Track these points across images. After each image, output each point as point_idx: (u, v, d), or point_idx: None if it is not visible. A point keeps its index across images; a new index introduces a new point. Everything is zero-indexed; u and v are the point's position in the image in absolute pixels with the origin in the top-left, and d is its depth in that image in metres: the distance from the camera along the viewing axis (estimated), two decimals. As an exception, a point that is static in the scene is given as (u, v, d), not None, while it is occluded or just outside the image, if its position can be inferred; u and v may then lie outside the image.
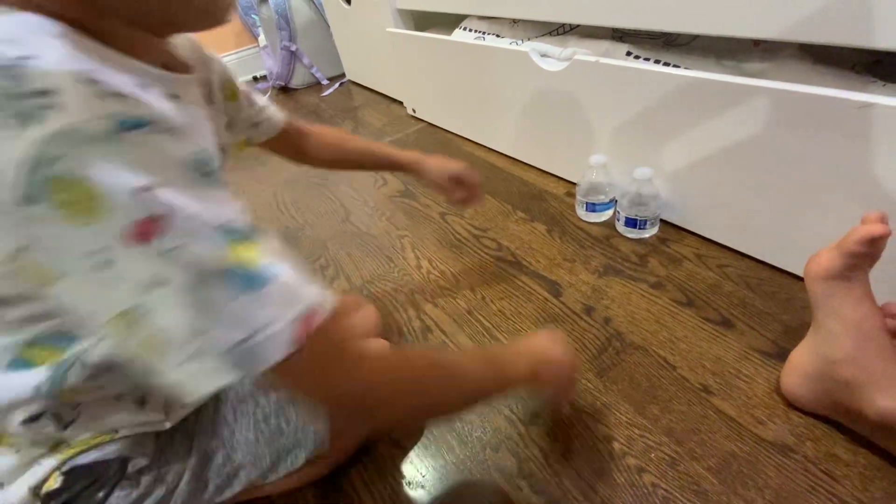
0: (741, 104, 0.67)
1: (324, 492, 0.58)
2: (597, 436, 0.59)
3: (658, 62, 0.80)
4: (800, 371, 0.56)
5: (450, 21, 1.26)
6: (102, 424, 0.42)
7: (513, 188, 1.10)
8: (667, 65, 0.79)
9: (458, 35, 1.21)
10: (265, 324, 0.27)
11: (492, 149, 1.28)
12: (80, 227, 0.24)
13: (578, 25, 1.00)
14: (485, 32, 1.15)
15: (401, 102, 1.66)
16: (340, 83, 2.05)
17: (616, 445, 0.57)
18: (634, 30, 0.86)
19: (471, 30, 1.19)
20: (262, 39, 2.07)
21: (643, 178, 0.81)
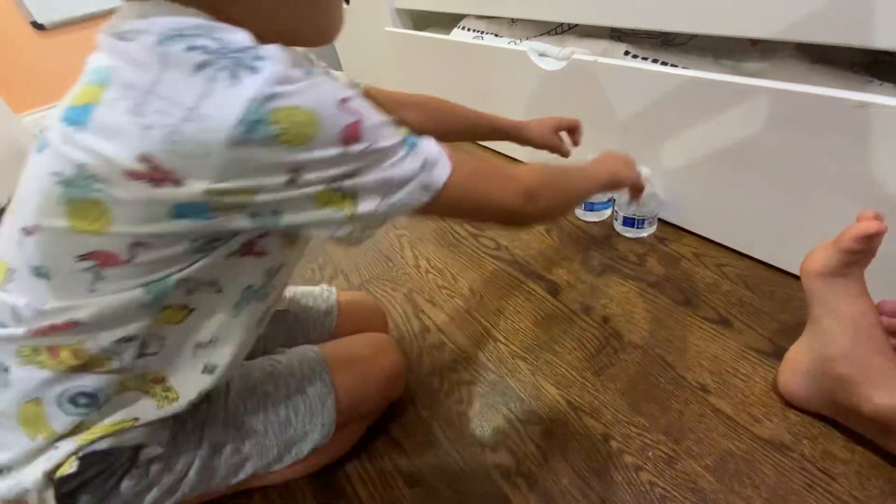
0: (739, 104, 0.67)
1: (322, 488, 0.58)
2: (595, 434, 0.59)
3: (656, 62, 0.80)
4: (796, 369, 0.56)
5: (448, 20, 1.26)
6: (160, 368, 0.42)
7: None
8: (665, 64, 0.79)
9: (457, 34, 1.21)
10: (430, 154, 0.38)
11: (491, 148, 1.28)
12: (293, 149, 0.31)
13: (577, 25, 1.00)
14: (483, 32, 1.15)
15: (399, 102, 1.66)
16: (339, 83, 2.05)
17: (614, 444, 0.57)
18: (633, 29, 0.86)
19: (469, 29, 1.19)
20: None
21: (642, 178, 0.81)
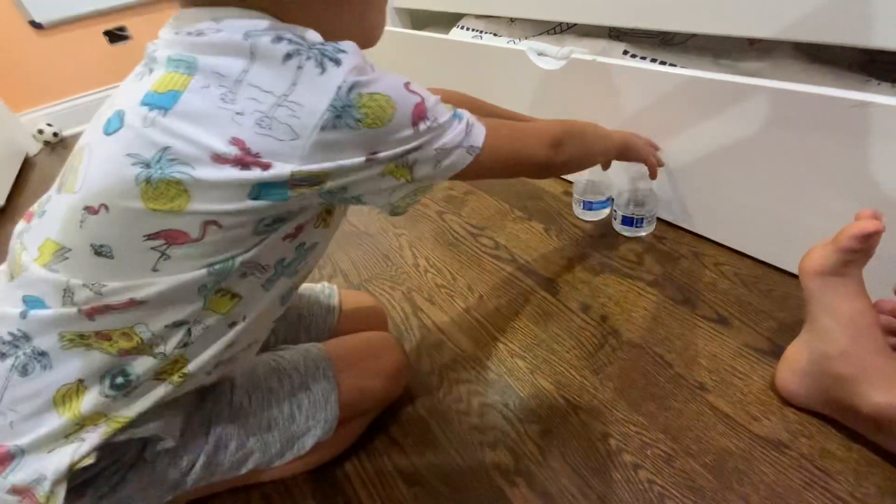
0: (737, 103, 0.67)
1: (320, 486, 0.58)
2: (593, 433, 0.59)
3: (655, 61, 0.81)
4: (795, 367, 0.56)
5: (447, 20, 1.26)
6: (190, 359, 0.42)
7: (510, 187, 1.10)
8: (663, 64, 0.79)
9: (456, 34, 1.21)
10: (469, 119, 0.44)
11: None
12: (375, 128, 0.36)
13: (575, 24, 1.00)
14: (482, 31, 1.15)
15: (398, 101, 1.66)
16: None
17: (612, 442, 0.57)
18: (631, 29, 0.86)
19: (468, 28, 1.19)
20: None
21: (640, 176, 0.81)
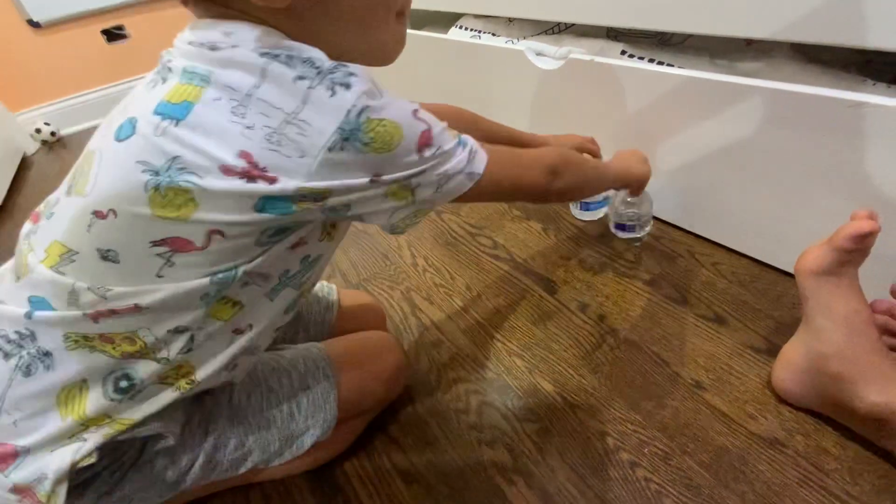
0: (734, 103, 0.67)
1: (319, 485, 0.59)
2: (591, 431, 0.59)
3: (652, 61, 0.81)
4: (791, 366, 0.56)
5: (446, 19, 1.26)
6: (195, 359, 0.43)
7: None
8: (661, 64, 0.79)
9: (454, 33, 1.21)
10: (472, 146, 0.45)
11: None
12: (382, 153, 0.37)
13: (573, 24, 1.00)
14: (480, 31, 1.15)
15: (397, 101, 1.66)
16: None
17: (610, 441, 0.58)
18: (629, 29, 0.86)
19: (466, 28, 1.19)
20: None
21: (621, 199, 0.81)
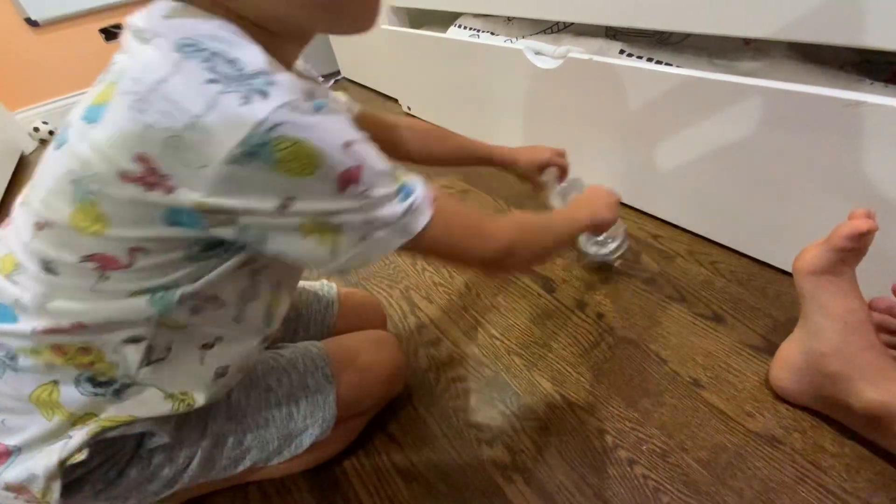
0: (733, 103, 0.68)
1: (319, 484, 0.59)
2: (589, 429, 0.59)
3: (651, 60, 0.81)
4: (788, 364, 0.57)
5: (445, 19, 1.26)
6: (170, 378, 0.42)
7: (507, 185, 1.11)
8: (659, 63, 0.79)
9: (453, 33, 1.21)
10: (416, 201, 0.38)
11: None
12: (292, 178, 0.31)
13: (572, 23, 1.00)
14: (479, 30, 1.15)
15: (396, 100, 1.67)
16: (335, 80, 2.05)
17: (608, 438, 0.58)
18: (628, 28, 0.86)
19: (465, 27, 1.19)
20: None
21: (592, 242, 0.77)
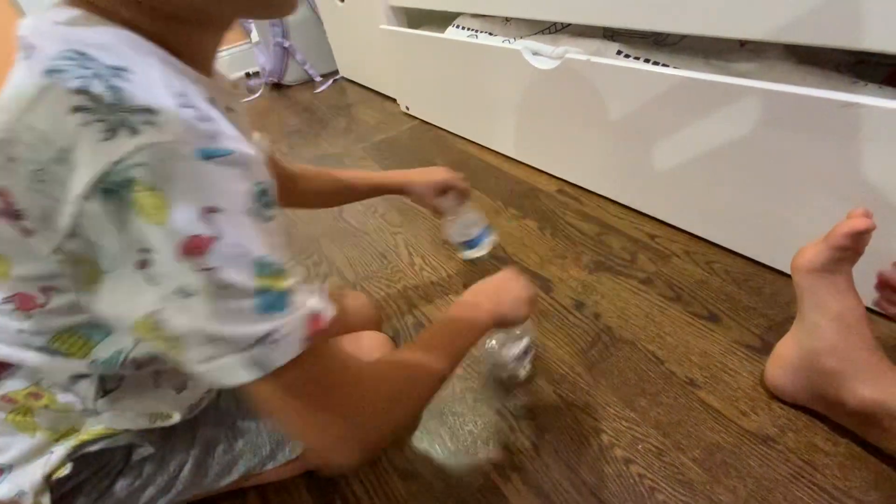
0: (729, 104, 0.68)
1: (317, 483, 0.59)
2: (586, 428, 0.60)
3: (648, 61, 0.81)
4: (784, 362, 0.57)
5: (443, 18, 1.26)
6: (134, 403, 0.43)
7: (505, 185, 1.11)
8: (656, 64, 0.80)
9: (451, 33, 1.21)
10: (280, 328, 0.30)
11: (484, 146, 1.29)
12: (142, 225, 0.26)
13: (570, 24, 1.01)
14: (477, 30, 1.16)
15: (394, 100, 1.67)
16: (334, 80, 2.05)
17: (605, 438, 0.58)
18: (625, 29, 0.87)
19: (464, 27, 1.19)
20: (255, 35, 2.07)
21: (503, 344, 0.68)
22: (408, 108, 1.57)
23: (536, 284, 0.82)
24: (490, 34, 1.12)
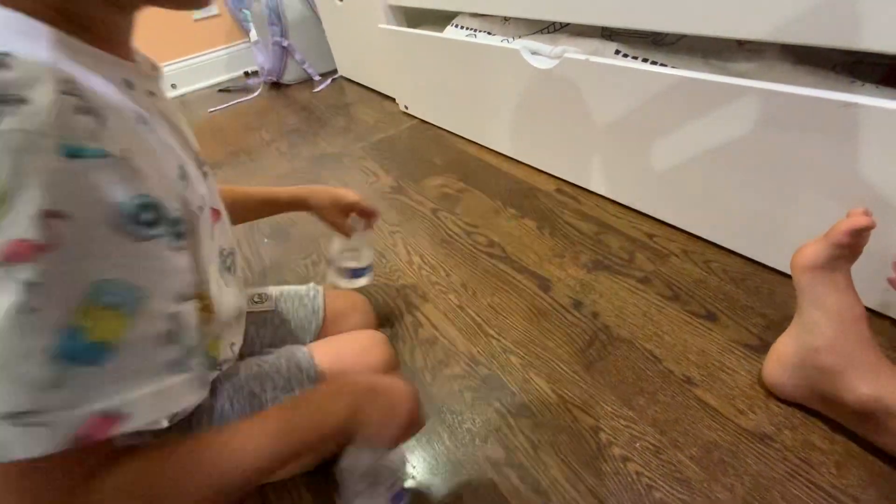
0: (727, 103, 0.68)
1: (316, 483, 0.59)
2: (584, 427, 0.60)
3: (646, 61, 0.82)
4: (782, 359, 0.57)
5: (442, 18, 1.26)
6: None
7: (503, 185, 1.11)
8: (654, 63, 0.80)
9: (450, 32, 1.21)
10: (45, 411, 0.24)
11: (483, 145, 1.29)
12: None
13: (569, 24, 1.01)
14: (476, 30, 1.16)
15: (393, 99, 1.67)
16: (332, 79, 2.05)
17: (602, 436, 0.59)
18: (623, 29, 0.87)
19: (462, 27, 1.19)
20: (254, 34, 2.07)
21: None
22: (407, 108, 1.57)
23: (534, 283, 0.82)
24: (489, 34, 1.13)
